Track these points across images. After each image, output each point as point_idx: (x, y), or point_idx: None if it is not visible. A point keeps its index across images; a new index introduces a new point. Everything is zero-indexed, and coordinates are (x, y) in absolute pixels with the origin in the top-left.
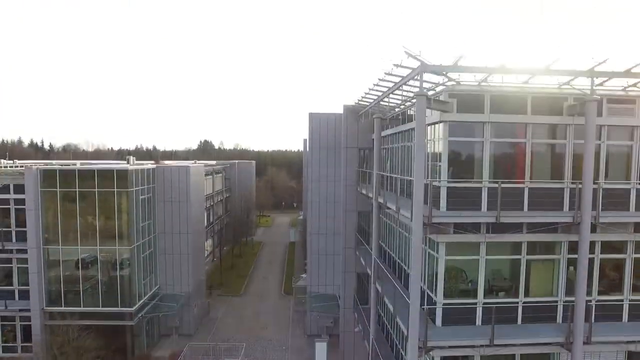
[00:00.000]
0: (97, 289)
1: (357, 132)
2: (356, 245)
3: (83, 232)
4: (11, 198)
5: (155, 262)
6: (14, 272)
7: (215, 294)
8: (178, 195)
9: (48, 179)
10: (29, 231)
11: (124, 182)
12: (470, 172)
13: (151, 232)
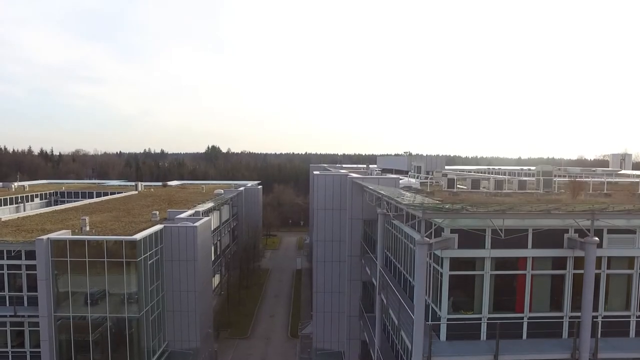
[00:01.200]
0: (107, 354)
1: (361, 204)
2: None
3: (93, 299)
4: (22, 264)
5: (164, 320)
6: (26, 335)
7: (222, 336)
8: (185, 255)
9: (58, 249)
10: (40, 300)
11: (132, 251)
12: (471, 303)
13: (159, 292)
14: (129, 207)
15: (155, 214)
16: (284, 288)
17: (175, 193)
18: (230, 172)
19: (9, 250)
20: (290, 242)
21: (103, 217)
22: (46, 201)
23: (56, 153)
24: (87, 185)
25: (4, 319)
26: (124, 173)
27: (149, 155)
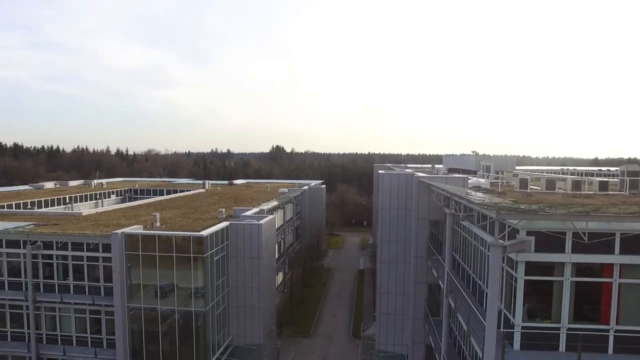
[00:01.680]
0: (175, 345)
1: (428, 204)
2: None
3: (162, 292)
4: (100, 256)
5: (228, 316)
6: (102, 322)
7: (285, 334)
8: (250, 252)
9: (132, 243)
10: (114, 290)
11: (200, 247)
12: (548, 311)
13: (225, 288)
14: (196, 204)
15: (222, 211)
16: (346, 288)
17: (240, 191)
18: (294, 171)
19: (88, 243)
20: (353, 242)
21: (172, 213)
22: (121, 198)
23: (131, 153)
24: (158, 183)
25: (83, 306)
26: (192, 172)
27: (215, 155)
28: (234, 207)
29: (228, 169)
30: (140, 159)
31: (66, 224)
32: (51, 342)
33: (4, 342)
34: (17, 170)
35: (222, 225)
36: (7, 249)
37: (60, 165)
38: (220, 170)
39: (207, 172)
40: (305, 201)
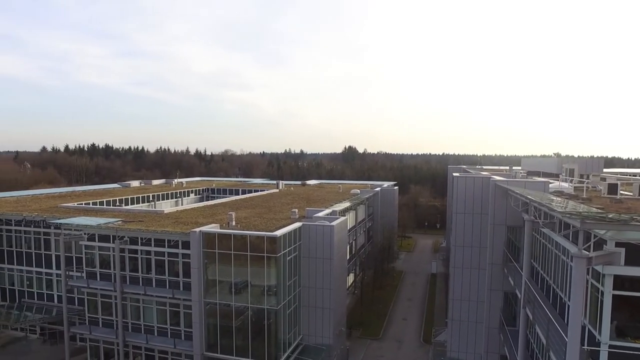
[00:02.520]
0: (248, 341)
1: (505, 209)
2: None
3: (237, 289)
4: (179, 252)
5: (299, 315)
6: (181, 315)
7: (355, 335)
8: (322, 253)
9: (209, 241)
10: (192, 286)
11: (273, 247)
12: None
13: (296, 287)
14: (270, 204)
15: (295, 212)
16: (417, 291)
17: (313, 192)
18: (367, 172)
19: (169, 240)
20: (426, 245)
21: (247, 213)
22: (199, 197)
23: (208, 153)
24: (234, 182)
25: (164, 299)
26: (266, 172)
27: (289, 156)
28: (306, 207)
29: (301, 170)
30: (217, 159)
31: (150, 221)
32: (135, 330)
33: (96, 327)
34: (107, 169)
35: (295, 226)
36: (99, 242)
37: (145, 164)
38: (293, 170)
39: (280, 172)
40: (378, 202)
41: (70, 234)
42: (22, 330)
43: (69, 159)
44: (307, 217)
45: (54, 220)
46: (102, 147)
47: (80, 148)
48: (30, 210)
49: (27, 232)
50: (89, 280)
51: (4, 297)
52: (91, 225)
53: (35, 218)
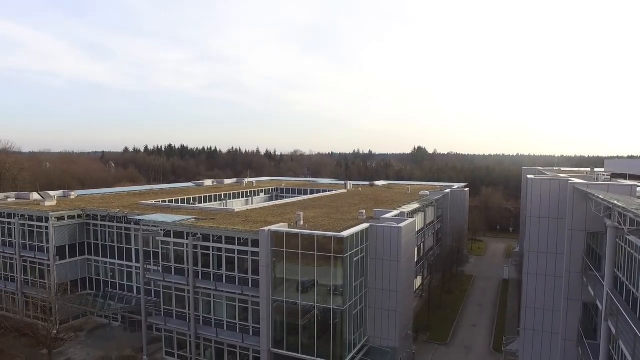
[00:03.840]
0: (313, 339)
1: (585, 214)
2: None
3: (304, 288)
4: (249, 250)
5: (365, 316)
6: (250, 311)
7: (421, 339)
8: (389, 254)
9: (277, 240)
10: (261, 283)
11: (340, 247)
12: None
13: (363, 288)
14: (338, 204)
15: (362, 212)
16: (488, 297)
17: (381, 193)
18: (436, 173)
19: (239, 238)
20: (497, 249)
21: (315, 213)
22: (269, 196)
23: (278, 153)
24: (302, 182)
25: (233, 295)
26: (335, 172)
27: (357, 156)
28: (374, 208)
29: (369, 170)
30: (287, 159)
31: (221, 219)
32: (206, 323)
33: (171, 319)
34: (183, 169)
35: (363, 227)
36: (174, 238)
37: (217, 164)
38: (361, 171)
39: (348, 172)
40: (447, 204)
41: (149, 230)
42: (106, 317)
43: (148, 158)
44: (375, 218)
45: (134, 217)
46: (178, 148)
47: (158, 148)
48: (114, 206)
49: (111, 227)
50: (164, 274)
51: (91, 286)
52: (167, 222)
53: (118, 214)
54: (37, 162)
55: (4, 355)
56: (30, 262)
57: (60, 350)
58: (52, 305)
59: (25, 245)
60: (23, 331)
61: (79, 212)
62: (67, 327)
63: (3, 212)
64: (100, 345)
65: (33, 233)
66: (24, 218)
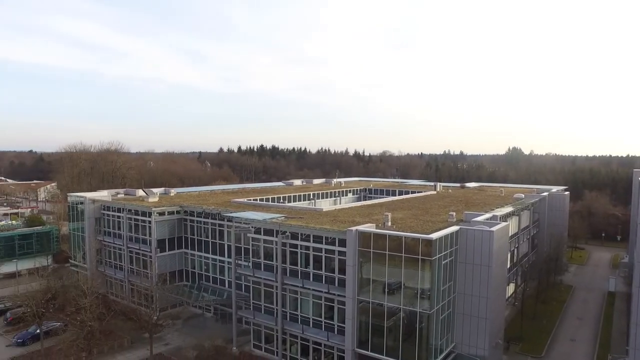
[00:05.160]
0: (398, 342)
1: None
2: None
3: (390, 289)
4: (336, 249)
5: (453, 322)
6: (335, 310)
7: (513, 350)
8: (480, 259)
9: (364, 240)
10: (347, 282)
11: (428, 249)
12: None
13: (451, 293)
14: (427, 206)
15: (452, 215)
16: (590, 310)
17: (472, 195)
18: (533, 175)
19: (327, 237)
20: (602, 259)
21: (403, 214)
22: (357, 196)
23: (367, 154)
24: (390, 183)
25: (320, 293)
26: (424, 173)
27: (448, 157)
28: (464, 211)
29: (460, 171)
30: (375, 159)
31: (309, 218)
32: (293, 319)
33: (259, 313)
34: (273, 168)
35: (452, 230)
36: (264, 236)
37: (306, 164)
38: (452, 172)
39: (438, 174)
40: (545, 209)
41: (240, 227)
42: (200, 308)
43: (241, 158)
44: (465, 220)
45: (227, 214)
46: (269, 148)
47: (251, 149)
48: (209, 204)
49: (206, 223)
50: (254, 270)
51: (187, 278)
52: (257, 220)
53: (212, 211)
54: (142, 161)
55: (113, 335)
56: (135, 253)
57: (160, 335)
58: (153, 294)
59: (131, 237)
60: (129, 315)
61: (177, 208)
62: (166, 315)
63: (114, 207)
64: (194, 333)
65: (138, 226)
66: (130, 212)
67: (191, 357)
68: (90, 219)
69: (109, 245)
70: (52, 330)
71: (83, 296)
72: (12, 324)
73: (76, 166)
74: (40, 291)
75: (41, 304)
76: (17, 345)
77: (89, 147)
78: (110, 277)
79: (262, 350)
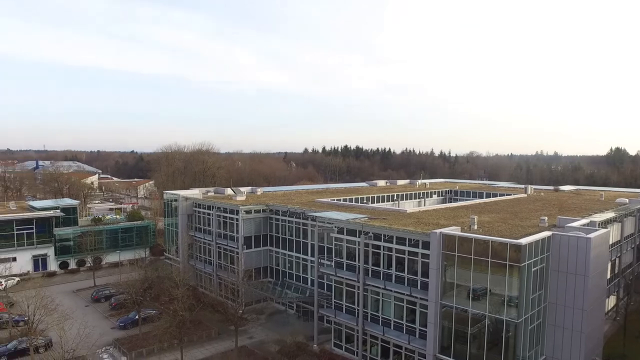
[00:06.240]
0: (483, 350)
1: None
2: None
3: (475, 295)
4: (419, 252)
5: (543, 333)
6: (417, 313)
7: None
8: (574, 268)
9: (449, 243)
10: (430, 286)
11: (517, 255)
12: None
13: (541, 302)
14: (516, 209)
15: (544, 219)
16: None
17: (567, 199)
18: (639, 178)
19: (410, 239)
20: None
21: (490, 217)
22: (442, 198)
23: (452, 155)
24: (477, 185)
25: (402, 296)
26: (513, 175)
27: (540, 158)
28: (558, 216)
29: (554, 174)
30: (462, 160)
31: (392, 219)
32: (374, 321)
33: (340, 312)
34: (357, 169)
35: (544, 235)
36: (347, 236)
37: (391, 165)
38: (544, 174)
39: (530, 176)
40: None
41: (323, 226)
42: (283, 304)
43: (325, 159)
44: (559, 226)
45: (311, 213)
46: (353, 149)
47: (335, 149)
48: (293, 203)
49: (290, 222)
50: (336, 269)
51: (271, 275)
52: (341, 220)
53: (297, 210)
54: (231, 161)
55: (202, 326)
56: (223, 249)
57: (244, 328)
58: (239, 288)
59: (220, 234)
60: (216, 308)
61: (263, 207)
62: (250, 309)
63: (204, 204)
64: (276, 329)
65: (226, 224)
66: (219, 210)
67: (273, 351)
68: (183, 215)
69: (199, 241)
70: (149, 317)
71: (175, 287)
72: (116, 309)
73: (171, 165)
74: (139, 280)
75: (139, 292)
76: (119, 328)
77: (182, 148)
78: (200, 270)
79: (343, 350)
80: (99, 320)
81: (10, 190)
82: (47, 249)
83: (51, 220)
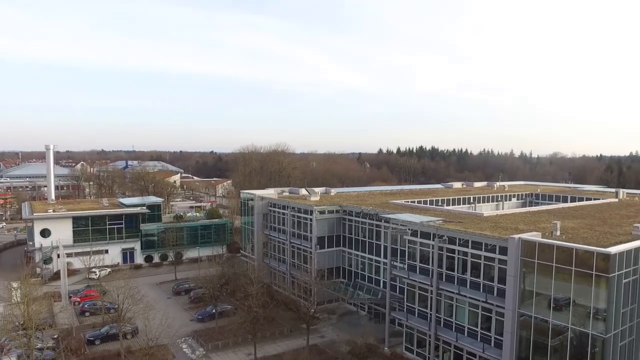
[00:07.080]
0: None
1: None
2: None
3: (556, 305)
4: (496, 257)
5: (636, 352)
6: (492, 321)
7: None
8: None
9: (528, 249)
10: (507, 293)
11: (605, 265)
12: None
13: (634, 317)
14: (605, 215)
15: (637, 227)
16: None
17: None
18: None
19: (487, 244)
20: None
21: (575, 223)
22: (522, 201)
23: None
24: (561, 188)
25: (477, 302)
26: (603, 178)
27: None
28: None
29: None
30: (544, 162)
31: (468, 223)
32: (447, 326)
33: (412, 316)
34: (432, 170)
35: (637, 244)
36: (420, 238)
37: (467, 166)
38: (639, 177)
39: (622, 178)
40: None
41: (397, 228)
42: (355, 305)
43: (399, 159)
44: None
45: (384, 215)
46: (429, 149)
47: (410, 150)
48: (367, 204)
49: (363, 223)
50: (409, 272)
51: (343, 275)
52: (414, 222)
53: (370, 212)
54: (305, 161)
55: (275, 323)
56: (297, 248)
57: (316, 327)
58: (312, 288)
59: (294, 233)
60: (289, 306)
61: (337, 207)
62: (322, 309)
63: (279, 204)
64: (347, 329)
65: (300, 223)
66: (294, 210)
67: (344, 351)
68: (259, 214)
69: (274, 240)
70: (225, 311)
71: (250, 284)
72: (194, 302)
73: (248, 165)
74: (216, 276)
75: (217, 287)
76: (197, 320)
77: (259, 148)
78: (274, 269)
79: (414, 354)
80: (179, 312)
81: (103, 188)
82: (134, 243)
83: (138, 216)
